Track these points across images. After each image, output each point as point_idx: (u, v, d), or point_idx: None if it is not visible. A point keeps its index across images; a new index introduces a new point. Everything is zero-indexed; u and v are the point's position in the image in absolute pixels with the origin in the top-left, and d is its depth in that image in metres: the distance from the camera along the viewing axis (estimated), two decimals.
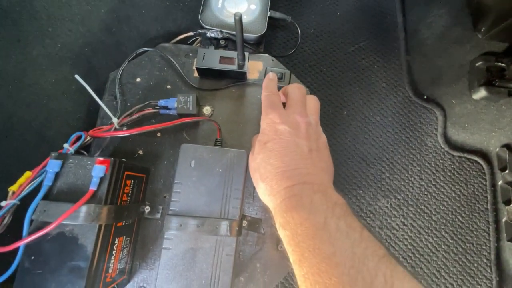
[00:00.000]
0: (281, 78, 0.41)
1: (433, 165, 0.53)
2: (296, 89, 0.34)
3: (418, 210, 0.51)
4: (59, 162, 0.29)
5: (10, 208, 0.31)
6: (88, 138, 0.42)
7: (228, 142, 0.42)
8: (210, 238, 0.32)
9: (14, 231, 0.29)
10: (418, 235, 0.50)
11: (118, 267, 0.33)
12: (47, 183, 0.28)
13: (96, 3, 0.41)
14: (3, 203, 0.31)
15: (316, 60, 0.56)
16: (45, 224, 0.26)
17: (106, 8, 0.42)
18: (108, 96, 0.43)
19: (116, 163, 0.30)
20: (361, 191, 0.51)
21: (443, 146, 0.54)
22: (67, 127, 0.43)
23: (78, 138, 0.40)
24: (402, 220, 0.50)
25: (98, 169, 0.28)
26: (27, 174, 0.34)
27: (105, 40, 0.44)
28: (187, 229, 0.32)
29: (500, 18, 0.46)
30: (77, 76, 0.31)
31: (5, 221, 0.31)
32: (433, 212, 0.51)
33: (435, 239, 0.50)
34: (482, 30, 0.49)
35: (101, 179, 0.29)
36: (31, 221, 0.28)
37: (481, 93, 0.49)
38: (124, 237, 0.34)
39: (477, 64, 0.50)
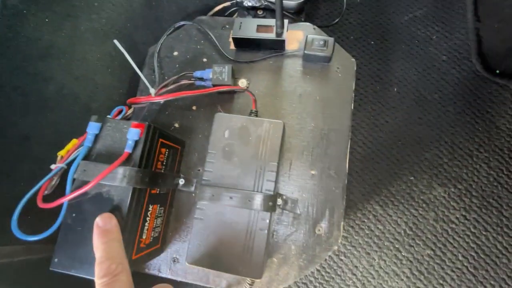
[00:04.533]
0: (323, 46, 0.37)
1: (506, 152, 0.44)
2: None
3: (485, 203, 0.43)
4: (99, 124, 0.30)
5: (58, 171, 0.33)
6: (129, 111, 0.43)
7: (264, 116, 0.39)
8: (243, 212, 0.31)
9: (62, 193, 0.30)
10: (484, 232, 0.42)
11: (152, 235, 0.33)
12: (87, 144, 0.29)
13: None
14: (53, 166, 0.33)
15: (363, 32, 0.51)
16: (85, 183, 0.27)
17: None
18: (148, 70, 0.44)
19: (151, 128, 0.30)
20: (413, 177, 0.44)
21: None
22: (111, 101, 0.45)
23: (120, 111, 0.42)
24: (464, 213, 0.43)
25: (133, 132, 0.28)
26: (74, 141, 0.35)
27: (146, 15, 0.45)
28: (220, 200, 0.31)
29: None
30: (115, 41, 0.32)
31: (53, 183, 0.33)
32: (505, 207, 0.43)
33: (506, 238, 0.42)
34: None
35: (136, 143, 0.29)
36: (73, 180, 0.29)
37: None
38: (158, 206, 0.34)
39: None
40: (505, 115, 0.46)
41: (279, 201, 0.36)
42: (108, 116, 0.41)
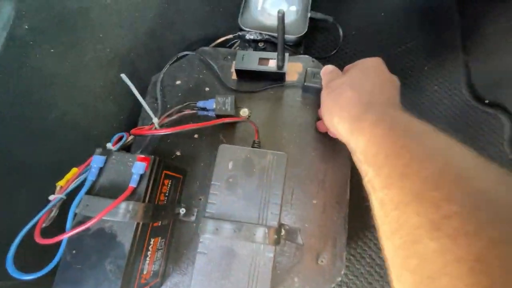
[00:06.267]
0: None
1: None
2: None
3: None
4: (103, 158, 0.29)
5: (57, 202, 0.32)
6: (130, 138, 0.43)
7: (265, 145, 0.40)
8: (247, 245, 0.30)
9: (60, 225, 0.29)
10: None
11: (153, 269, 0.32)
12: (91, 178, 0.29)
13: (144, 10, 0.43)
14: (51, 197, 0.33)
15: None
16: (87, 218, 0.27)
17: (153, 14, 0.44)
18: (150, 98, 0.44)
19: (156, 161, 0.30)
20: None
21: None
22: (111, 127, 0.45)
23: (120, 138, 0.42)
24: None
25: (139, 166, 0.28)
26: (74, 170, 0.35)
27: (149, 44, 0.46)
28: (223, 233, 0.30)
29: None
30: (123, 75, 0.32)
31: (52, 214, 0.32)
32: None
33: None
34: None
35: (141, 177, 0.29)
36: (75, 215, 0.28)
37: None
38: (160, 238, 0.33)
39: None
40: (497, 143, 0.48)
41: (282, 231, 0.35)
42: (109, 143, 0.41)
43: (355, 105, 0.27)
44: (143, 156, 0.29)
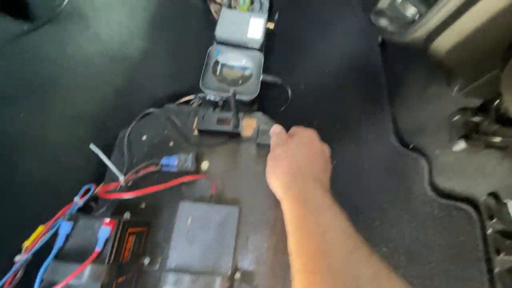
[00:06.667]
0: None
1: (422, 213, 0.55)
2: None
3: (410, 259, 0.52)
4: (70, 223, 0.33)
5: (23, 263, 0.34)
6: (97, 189, 0.46)
7: (225, 193, 0.45)
8: None
9: (25, 286, 0.31)
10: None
11: None
12: (59, 243, 0.32)
13: (112, 73, 0.48)
14: (17, 258, 0.34)
15: (306, 114, 0.61)
16: (54, 283, 0.29)
17: (121, 77, 0.49)
18: (118, 152, 0.48)
19: (121, 224, 0.34)
20: None
21: (431, 194, 0.56)
22: (80, 180, 0.47)
23: (87, 190, 0.44)
24: (394, 269, 0.51)
25: (104, 231, 0.32)
26: (40, 228, 0.37)
27: (117, 103, 0.50)
28: (182, 284, 0.34)
29: (469, 79, 0.51)
30: (92, 146, 0.36)
31: (17, 276, 0.34)
32: (425, 262, 0.52)
33: None
34: (455, 88, 0.54)
35: (106, 239, 0.32)
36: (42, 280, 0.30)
37: (460, 145, 0.53)
38: None
39: (454, 119, 0.55)
40: (419, 182, 0.57)
41: (237, 275, 0.40)
42: (76, 196, 0.43)
43: (286, 175, 0.35)
44: (108, 220, 0.33)
